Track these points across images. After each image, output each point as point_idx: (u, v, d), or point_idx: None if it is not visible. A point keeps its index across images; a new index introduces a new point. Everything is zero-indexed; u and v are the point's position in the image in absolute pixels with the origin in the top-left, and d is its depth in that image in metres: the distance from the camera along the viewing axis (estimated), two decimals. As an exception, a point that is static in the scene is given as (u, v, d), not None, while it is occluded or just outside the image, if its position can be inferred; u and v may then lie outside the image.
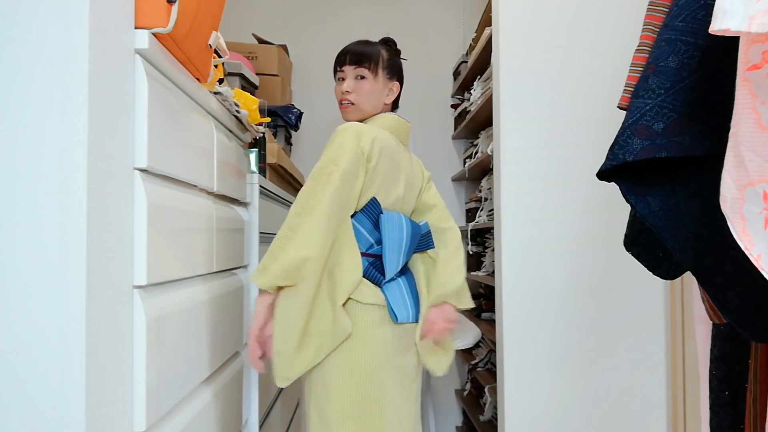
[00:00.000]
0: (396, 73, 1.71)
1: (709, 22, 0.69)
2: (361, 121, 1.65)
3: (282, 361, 1.41)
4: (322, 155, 1.50)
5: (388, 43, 1.74)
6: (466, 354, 3.06)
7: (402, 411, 1.54)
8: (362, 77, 1.64)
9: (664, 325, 1.99)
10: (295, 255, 1.38)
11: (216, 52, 1.35)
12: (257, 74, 2.48)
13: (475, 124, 2.85)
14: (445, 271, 1.65)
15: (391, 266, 1.56)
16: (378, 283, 1.55)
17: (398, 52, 1.75)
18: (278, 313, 1.41)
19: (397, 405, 1.52)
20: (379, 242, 1.56)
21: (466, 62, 2.88)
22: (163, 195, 1.03)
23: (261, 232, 1.80)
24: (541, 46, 2.00)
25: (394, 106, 1.74)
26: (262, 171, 1.96)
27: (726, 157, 0.73)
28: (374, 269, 1.55)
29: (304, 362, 1.43)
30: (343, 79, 1.66)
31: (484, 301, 2.95)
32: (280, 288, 1.41)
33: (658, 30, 0.96)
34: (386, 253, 1.56)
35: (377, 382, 1.49)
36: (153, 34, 0.95)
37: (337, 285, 1.46)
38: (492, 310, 2.56)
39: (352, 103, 1.64)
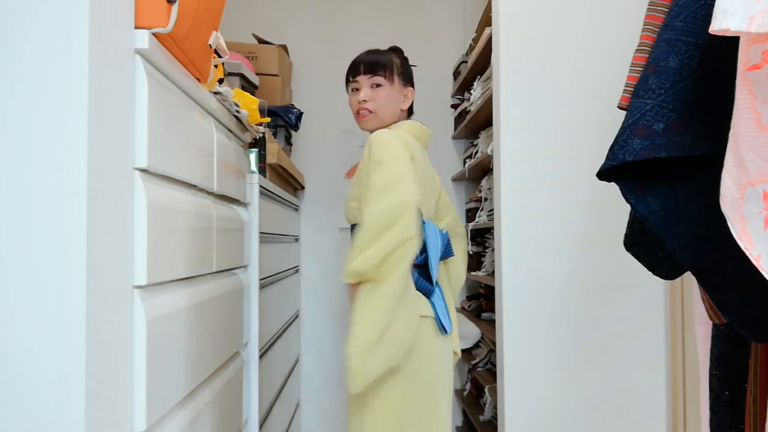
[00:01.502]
0: (409, 79, 1.71)
1: (709, 22, 0.69)
2: (378, 129, 1.61)
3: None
4: (377, 168, 1.42)
5: (397, 51, 1.74)
6: (466, 354, 3.06)
7: (447, 420, 1.55)
8: (378, 85, 1.63)
9: (664, 325, 1.99)
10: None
11: (216, 52, 1.35)
12: (257, 74, 2.48)
13: (475, 124, 2.85)
14: (456, 268, 1.70)
15: (435, 274, 1.56)
16: (428, 293, 1.54)
17: (407, 59, 1.75)
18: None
19: (445, 416, 1.54)
20: (422, 251, 1.53)
21: (466, 62, 2.88)
22: (163, 195, 1.03)
23: (261, 232, 1.80)
24: (542, 46, 2.00)
25: (409, 112, 1.73)
26: (262, 171, 1.96)
27: (726, 157, 0.73)
28: (424, 279, 1.54)
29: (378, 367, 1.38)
30: (358, 89, 1.65)
31: (484, 301, 2.95)
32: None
33: (658, 30, 0.96)
34: (432, 261, 1.55)
35: (433, 395, 1.48)
36: (153, 34, 0.95)
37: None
38: (492, 310, 2.56)
39: (371, 111, 1.62)
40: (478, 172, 2.91)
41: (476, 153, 2.79)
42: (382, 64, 1.64)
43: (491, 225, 2.35)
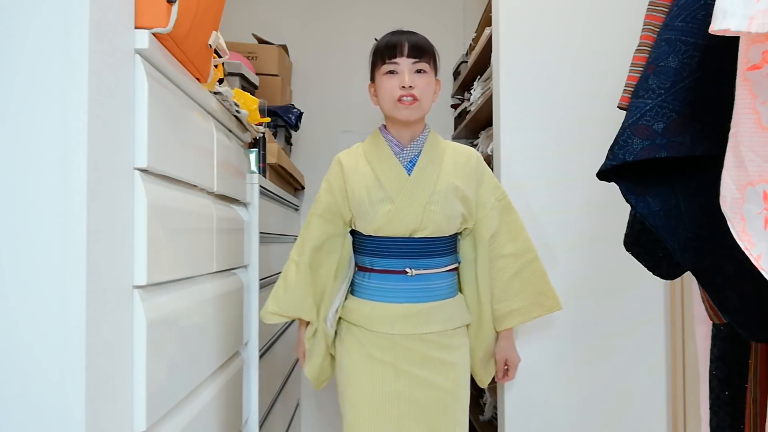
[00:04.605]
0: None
1: (709, 22, 0.69)
2: (417, 121, 1.51)
3: None
4: (496, 184, 1.65)
5: None
6: (466, 354, 3.05)
7: None
8: (422, 71, 1.46)
9: (664, 325, 1.99)
10: None
11: (216, 52, 1.35)
12: (257, 74, 2.48)
13: (475, 124, 2.85)
14: None
15: None
16: None
17: None
18: None
19: None
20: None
21: (466, 62, 2.88)
22: (163, 195, 1.03)
23: (261, 232, 1.80)
24: (542, 46, 2.00)
25: None
26: (262, 171, 1.96)
27: (726, 157, 0.73)
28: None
29: None
30: (395, 72, 1.45)
31: (484, 301, 2.94)
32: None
33: (658, 30, 0.96)
34: None
35: None
36: (153, 34, 0.95)
37: None
38: (492, 310, 2.56)
39: (416, 100, 1.44)
40: (478, 172, 2.91)
41: (476, 153, 2.79)
42: (426, 49, 1.47)
43: (491, 225, 2.35)
